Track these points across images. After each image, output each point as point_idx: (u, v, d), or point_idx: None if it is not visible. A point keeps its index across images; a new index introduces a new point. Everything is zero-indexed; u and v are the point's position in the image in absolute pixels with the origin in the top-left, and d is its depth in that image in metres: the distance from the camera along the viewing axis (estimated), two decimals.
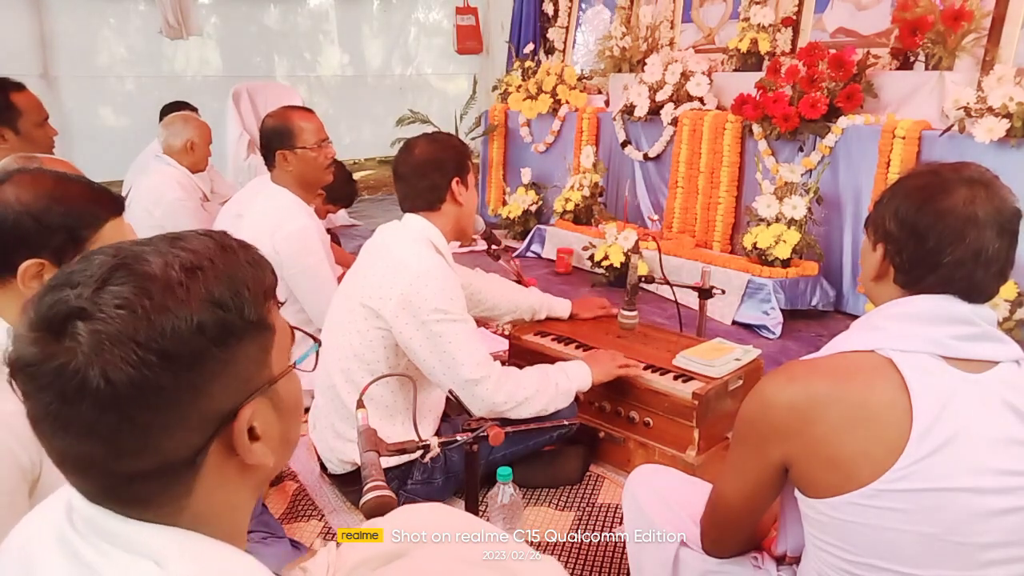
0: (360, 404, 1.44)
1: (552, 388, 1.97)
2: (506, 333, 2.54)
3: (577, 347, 2.32)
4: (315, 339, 0.83)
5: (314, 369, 0.83)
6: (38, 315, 0.59)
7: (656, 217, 4.41)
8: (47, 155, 2.25)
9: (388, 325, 1.86)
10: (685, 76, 4.36)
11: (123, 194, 3.42)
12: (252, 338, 0.66)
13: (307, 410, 2.17)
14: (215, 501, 0.67)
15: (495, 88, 5.83)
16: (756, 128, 3.93)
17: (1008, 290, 2.83)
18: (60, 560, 0.65)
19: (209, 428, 0.63)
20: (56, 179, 1.19)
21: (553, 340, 2.38)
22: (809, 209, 3.51)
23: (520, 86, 5.45)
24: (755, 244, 3.55)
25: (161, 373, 0.59)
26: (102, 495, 0.64)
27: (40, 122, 2.60)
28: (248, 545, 0.74)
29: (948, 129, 3.22)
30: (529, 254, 4.79)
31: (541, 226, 4.88)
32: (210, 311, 0.61)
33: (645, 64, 4.57)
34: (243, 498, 0.71)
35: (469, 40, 6.73)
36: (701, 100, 4.36)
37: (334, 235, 4.00)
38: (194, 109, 4.12)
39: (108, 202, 1.22)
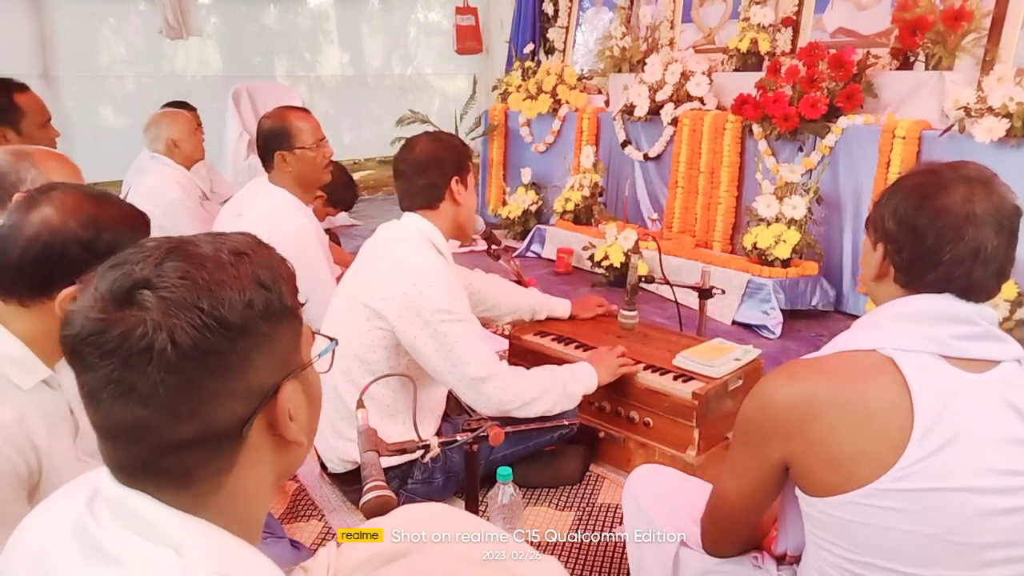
0: (360, 404, 1.44)
1: (560, 389, 1.97)
2: (506, 333, 2.54)
3: (577, 347, 2.32)
4: (331, 339, 0.85)
5: (329, 370, 0.86)
6: (101, 289, 0.64)
7: (656, 217, 4.41)
8: (40, 148, 2.26)
9: (391, 325, 1.86)
10: (685, 76, 4.36)
11: (123, 195, 3.42)
12: (288, 322, 0.72)
13: None
14: (248, 481, 0.70)
15: (495, 88, 5.83)
16: (756, 128, 3.93)
17: (1008, 290, 2.83)
18: (75, 548, 0.67)
19: (254, 401, 0.68)
20: (96, 202, 1.19)
21: (553, 340, 2.38)
22: (809, 209, 3.51)
23: (520, 86, 5.45)
24: (755, 244, 3.55)
25: (220, 339, 0.64)
26: (145, 469, 0.66)
27: (43, 123, 2.59)
28: None
29: (948, 129, 3.22)
30: (529, 254, 4.79)
31: (541, 226, 4.88)
32: (257, 290, 0.67)
33: (645, 64, 4.57)
34: (269, 485, 0.75)
35: (469, 40, 6.73)
36: (701, 100, 4.35)
37: (334, 235, 4.00)
38: (193, 109, 4.10)
39: (143, 227, 1.23)
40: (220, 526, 0.68)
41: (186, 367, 0.63)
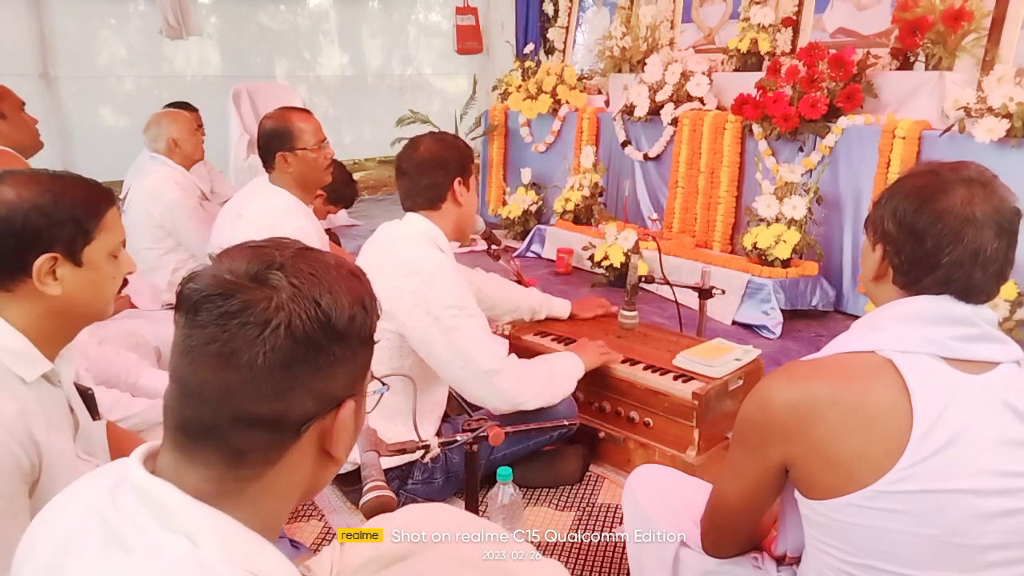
0: None
1: (560, 376, 2.02)
2: (506, 333, 2.54)
3: None
4: (382, 382, 0.88)
5: (371, 410, 0.90)
6: (239, 261, 0.70)
7: (656, 217, 4.41)
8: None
9: (399, 325, 1.87)
10: (685, 76, 4.36)
11: (123, 195, 3.42)
12: (366, 351, 0.77)
13: None
14: (284, 482, 0.73)
15: (495, 88, 5.83)
16: (756, 128, 3.93)
17: (1008, 290, 2.83)
18: (95, 536, 0.68)
19: (323, 405, 0.73)
20: (51, 175, 1.21)
21: (553, 340, 2.38)
22: (809, 209, 3.51)
23: (520, 86, 5.45)
24: (755, 244, 3.55)
25: (324, 337, 0.70)
26: (210, 434, 0.69)
27: (21, 106, 2.58)
28: None
29: (948, 129, 3.22)
30: (529, 254, 4.79)
31: (541, 226, 4.88)
32: (360, 309, 0.73)
33: (645, 64, 4.57)
34: (298, 494, 0.77)
35: (469, 40, 6.73)
36: (701, 100, 4.35)
37: (334, 235, 4.00)
38: (194, 109, 4.10)
39: (103, 192, 1.24)
40: (243, 520, 0.70)
41: (289, 350, 0.68)
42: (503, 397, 1.89)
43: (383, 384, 0.90)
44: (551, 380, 2.00)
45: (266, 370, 0.67)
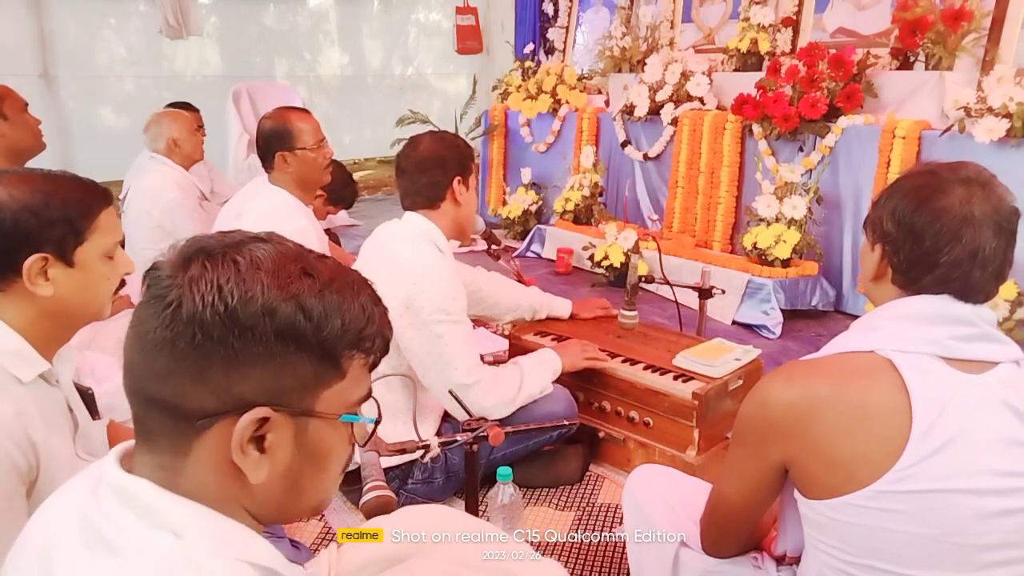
0: None
1: (530, 380, 2.01)
2: (506, 333, 2.54)
3: None
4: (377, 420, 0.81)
5: (364, 444, 0.81)
6: (181, 245, 0.70)
7: (656, 217, 4.41)
8: None
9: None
10: (685, 76, 4.36)
11: (123, 195, 3.42)
12: (313, 362, 0.69)
13: None
14: (204, 484, 0.69)
15: (495, 88, 5.84)
16: (756, 128, 3.93)
17: (1008, 290, 2.83)
18: (78, 537, 0.67)
19: (225, 404, 0.66)
20: (45, 175, 1.20)
21: (553, 340, 2.38)
22: (809, 209, 3.51)
23: (520, 86, 5.45)
24: (755, 244, 3.55)
25: (219, 326, 0.65)
26: (136, 412, 0.70)
27: (23, 107, 2.57)
28: None
29: (948, 129, 3.22)
30: (529, 254, 4.79)
31: (541, 226, 4.88)
32: (291, 309, 0.66)
33: (645, 64, 4.57)
34: (234, 510, 0.70)
35: (469, 40, 6.73)
36: (701, 100, 4.35)
37: (334, 235, 4.00)
38: (195, 110, 4.10)
39: (98, 193, 1.23)
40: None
41: (178, 331, 0.65)
42: (475, 410, 1.88)
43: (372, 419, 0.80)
44: (519, 392, 1.97)
45: (157, 348, 0.65)
